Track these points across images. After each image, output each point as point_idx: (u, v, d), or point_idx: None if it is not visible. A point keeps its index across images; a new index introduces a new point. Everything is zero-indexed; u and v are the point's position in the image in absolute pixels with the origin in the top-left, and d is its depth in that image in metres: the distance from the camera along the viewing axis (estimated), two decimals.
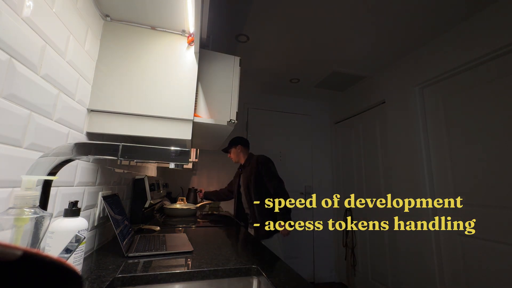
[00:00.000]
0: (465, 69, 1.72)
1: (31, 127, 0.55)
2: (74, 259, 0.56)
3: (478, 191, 1.60)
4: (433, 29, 1.79)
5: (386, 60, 2.25)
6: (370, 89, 2.61)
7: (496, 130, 1.53)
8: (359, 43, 1.99)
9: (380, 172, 2.42)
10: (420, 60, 2.02)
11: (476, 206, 1.61)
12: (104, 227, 0.99)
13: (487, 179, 1.56)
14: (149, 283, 0.67)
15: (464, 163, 1.70)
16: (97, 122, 0.83)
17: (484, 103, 1.60)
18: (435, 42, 1.90)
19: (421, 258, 1.88)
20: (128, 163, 1.29)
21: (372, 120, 2.61)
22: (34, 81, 0.55)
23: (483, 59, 1.60)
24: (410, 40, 1.93)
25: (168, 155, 0.59)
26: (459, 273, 1.67)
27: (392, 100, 2.30)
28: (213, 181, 2.87)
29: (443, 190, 1.84)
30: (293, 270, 0.77)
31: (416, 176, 1.98)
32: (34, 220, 0.40)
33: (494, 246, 1.49)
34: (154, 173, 2.08)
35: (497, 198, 1.50)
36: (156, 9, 0.87)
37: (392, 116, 2.30)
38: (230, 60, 1.10)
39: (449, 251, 1.75)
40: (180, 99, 0.92)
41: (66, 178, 0.71)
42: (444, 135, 1.86)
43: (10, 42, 0.48)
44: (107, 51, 0.88)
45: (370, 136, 2.61)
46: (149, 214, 1.51)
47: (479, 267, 1.55)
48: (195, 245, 0.98)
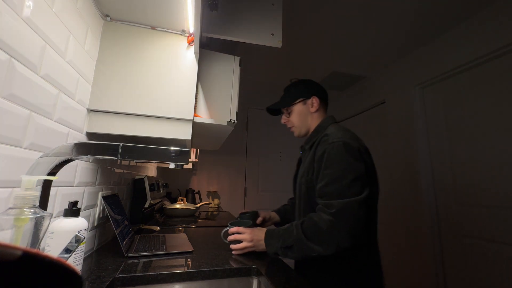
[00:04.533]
0: (465, 69, 1.72)
1: (31, 127, 0.55)
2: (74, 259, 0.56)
3: (478, 191, 1.60)
4: (433, 29, 1.79)
5: (386, 60, 2.25)
6: (370, 89, 2.61)
7: (496, 130, 1.53)
8: (359, 43, 1.99)
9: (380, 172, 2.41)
10: (420, 60, 2.02)
11: (476, 206, 1.61)
12: (104, 227, 0.98)
13: (487, 179, 1.56)
14: (149, 283, 0.67)
15: (464, 163, 1.70)
16: (97, 122, 0.83)
17: (484, 103, 1.60)
18: (435, 42, 1.90)
19: (421, 258, 1.88)
20: (128, 163, 1.29)
21: (372, 120, 2.60)
22: (34, 81, 0.55)
23: (483, 59, 1.60)
24: (410, 40, 1.93)
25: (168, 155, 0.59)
26: (459, 273, 1.67)
27: (392, 100, 2.30)
28: (213, 181, 2.87)
29: (443, 190, 1.84)
30: (293, 270, 0.76)
31: (416, 176, 1.98)
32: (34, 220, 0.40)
33: (494, 246, 1.49)
34: (154, 173, 2.08)
35: (497, 198, 1.50)
36: (156, 9, 0.87)
37: (392, 116, 2.30)
38: (230, 60, 1.10)
39: (449, 251, 1.75)
40: (180, 99, 0.92)
41: (66, 178, 0.71)
42: (444, 135, 1.86)
43: (10, 42, 0.48)
44: (107, 51, 0.88)
45: (370, 136, 2.61)
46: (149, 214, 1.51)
47: (479, 267, 1.55)
48: (195, 245, 0.98)
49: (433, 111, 1.96)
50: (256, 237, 0.86)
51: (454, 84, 1.81)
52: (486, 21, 1.58)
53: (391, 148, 2.28)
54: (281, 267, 0.78)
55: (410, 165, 2.06)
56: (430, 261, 1.82)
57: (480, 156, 1.60)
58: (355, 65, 2.36)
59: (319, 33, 1.88)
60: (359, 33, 1.85)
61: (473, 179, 1.64)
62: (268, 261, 0.83)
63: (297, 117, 1.00)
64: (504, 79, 1.51)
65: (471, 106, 1.68)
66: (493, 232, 1.50)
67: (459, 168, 1.73)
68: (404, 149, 2.13)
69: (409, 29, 1.79)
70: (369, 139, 2.61)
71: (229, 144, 2.81)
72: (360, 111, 2.77)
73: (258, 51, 2.13)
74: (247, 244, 0.86)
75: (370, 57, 2.21)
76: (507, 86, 1.48)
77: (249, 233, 0.87)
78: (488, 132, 1.57)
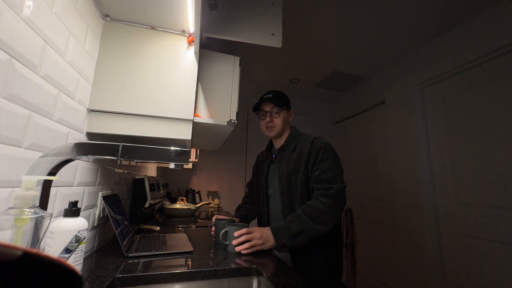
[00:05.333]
0: (465, 69, 1.72)
1: (31, 127, 0.55)
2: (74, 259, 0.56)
3: (478, 191, 1.60)
4: (433, 29, 1.79)
5: (386, 60, 2.25)
6: (370, 89, 2.61)
7: (496, 130, 1.53)
8: (359, 43, 1.99)
9: (380, 172, 2.42)
10: (420, 60, 2.02)
11: (476, 206, 1.61)
12: (104, 227, 0.99)
13: (487, 179, 1.56)
14: (149, 283, 0.67)
15: (464, 163, 1.70)
16: (97, 122, 0.83)
17: (484, 103, 1.60)
18: (435, 42, 1.90)
19: (421, 258, 1.88)
20: (128, 163, 1.29)
21: (372, 120, 2.61)
22: (34, 81, 0.55)
23: (483, 59, 1.60)
24: (410, 40, 1.93)
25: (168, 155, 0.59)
26: (459, 273, 1.67)
27: (392, 100, 2.31)
28: (213, 181, 2.87)
29: (443, 190, 1.84)
30: (293, 270, 0.76)
31: (416, 176, 1.98)
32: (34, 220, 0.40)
33: (494, 246, 1.49)
34: (154, 173, 2.08)
35: (497, 198, 1.50)
36: (156, 9, 0.87)
37: (392, 116, 2.30)
38: (230, 60, 1.10)
39: (449, 251, 1.75)
40: (180, 99, 0.92)
41: (66, 178, 0.71)
42: (444, 135, 1.86)
43: (10, 42, 0.48)
44: (107, 51, 0.88)
45: (370, 136, 2.61)
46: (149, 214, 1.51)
47: (479, 267, 1.55)
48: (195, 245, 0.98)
49: (433, 111, 1.96)
50: (265, 235, 0.92)
51: (454, 84, 1.81)
52: (486, 21, 1.58)
53: (391, 148, 2.28)
54: (281, 267, 0.78)
55: (410, 165, 2.06)
56: (430, 261, 1.82)
57: (480, 156, 1.60)
58: (355, 65, 2.36)
59: (319, 33, 1.88)
60: (359, 33, 1.85)
61: (473, 179, 1.64)
62: (268, 261, 0.83)
63: (281, 120, 1.13)
64: (504, 79, 1.51)
65: (471, 106, 1.68)
66: (493, 232, 1.50)
67: (459, 168, 1.73)
68: (404, 149, 2.13)
69: (409, 29, 1.79)
70: (369, 139, 2.61)
71: (229, 144, 2.81)
72: (360, 111, 2.77)
73: (258, 51, 2.13)
74: (257, 242, 0.90)
75: (370, 57, 2.21)
76: (507, 86, 1.49)
77: (258, 231, 0.92)
78: (488, 132, 1.57)
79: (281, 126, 1.13)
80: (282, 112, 1.14)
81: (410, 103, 2.10)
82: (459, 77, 1.78)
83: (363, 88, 2.71)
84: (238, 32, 1.07)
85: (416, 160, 2.00)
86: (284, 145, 1.13)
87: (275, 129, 1.13)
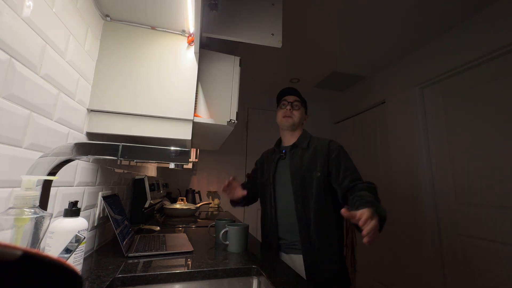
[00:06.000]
0: (465, 69, 1.72)
1: (31, 127, 0.55)
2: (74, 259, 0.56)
3: (478, 191, 1.60)
4: (433, 29, 1.79)
5: (386, 60, 2.25)
6: (370, 89, 2.61)
7: (496, 130, 1.53)
8: (359, 43, 1.99)
9: (380, 172, 2.42)
10: (420, 60, 2.02)
11: (476, 206, 1.61)
12: (104, 227, 0.99)
13: (487, 179, 1.56)
14: (149, 283, 0.67)
15: (464, 163, 1.70)
16: (97, 122, 0.83)
17: (484, 103, 1.60)
18: (435, 42, 1.90)
19: (421, 258, 1.88)
20: (128, 163, 1.29)
21: (372, 120, 2.61)
22: (34, 81, 0.55)
23: (483, 59, 1.60)
24: (410, 40, 1.93)
25: (168, 155, 0.59)
26: (459, 273, 1.67)
27: (392, 100, 2.31)
28: (213, 181, 2.87)
29: (443, 190, 1.84)
30: (293, 270, 0.77)
31: (416, 176, 1.98)
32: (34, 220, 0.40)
33: (494, 246, 1.49)
34: (154, 173, 2.08)
35: (497, 198, 1.50)
36: (156, 9, 0.87)
37: (392, 116, 2.30)
38: (230, 60, 1.10)
39: (449, 251, 1.75)
40: (180, 99, 0.92)
41: (66, 178, 0.71)
42: (444, 135, 1.86)
43: (10, 42, 0.48)
44: (107, 51, 0.88)
45: (370, 136, 2.61)
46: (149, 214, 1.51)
47: (479, 267, 1.55)
48: (195, 245, 0.98)
49: (433, 111, 1.96)
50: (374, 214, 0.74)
51: (454, 84, 1.81)
52: (486, 21, 1.58)
53: (391, 148, 2.28)
54: (281, 267, 0.78)
55: (410, 165, 2.06)
56: (430, 261, 1.82)
57: (480, 156, 1.60)
58: (355, 65, 2.36)
59: (319, 33, 1.88)
60: (359, 33, 1.85)
61: (473, 179, 1.64)
62: (268, 261, 0.83)
63: (299, 116, 1.17)
64: (504, 79, 1.51)
65: (471, 106, 1.68)
66: (493, 232, 1.50)
67: (459, 168, 1.73)
68: (404, 149, 2.13)
69: (409, 29, 1.79)
70: (369, 139, 2.61)
71: (229, 144, 2.81)
72: (360, 111, 2.77)
73: (258, 51, 2.13)
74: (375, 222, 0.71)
75: (370, 57, 2.21)
76: (507, 86, 1.48)
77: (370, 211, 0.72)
78: (488, 132, 1.57)
79: (298, 120, 1.16)
80: (302, 108, 1.19)
81: (410, 103, 2.10)
82: (459, 77, 1.77)
83: (363, 88, 2.71)
84: (238, 32, 1.07)
85: (416, 160, 2.00)
86: (298, 142, 1.15)
87: (291, 120, 1.14)
